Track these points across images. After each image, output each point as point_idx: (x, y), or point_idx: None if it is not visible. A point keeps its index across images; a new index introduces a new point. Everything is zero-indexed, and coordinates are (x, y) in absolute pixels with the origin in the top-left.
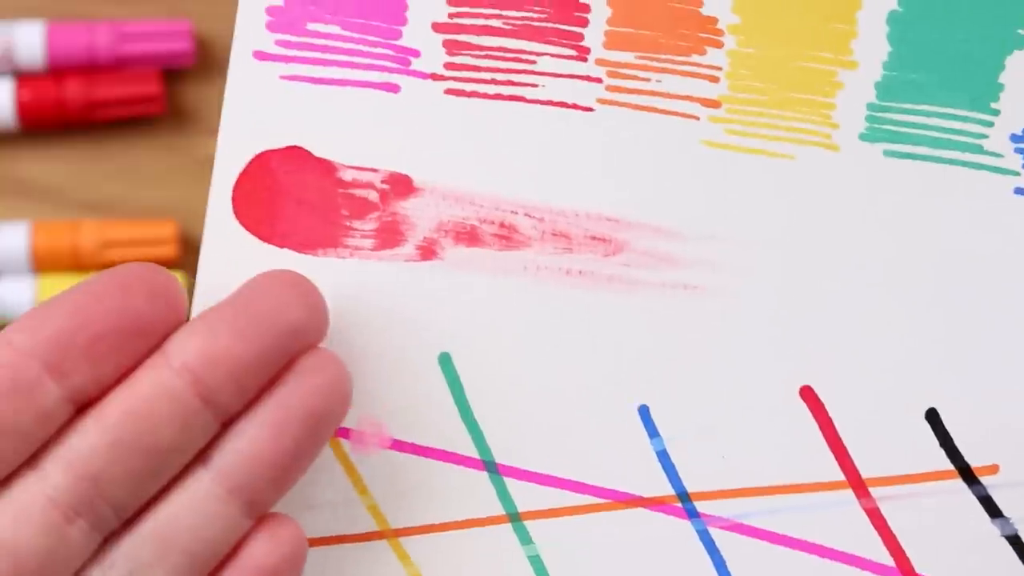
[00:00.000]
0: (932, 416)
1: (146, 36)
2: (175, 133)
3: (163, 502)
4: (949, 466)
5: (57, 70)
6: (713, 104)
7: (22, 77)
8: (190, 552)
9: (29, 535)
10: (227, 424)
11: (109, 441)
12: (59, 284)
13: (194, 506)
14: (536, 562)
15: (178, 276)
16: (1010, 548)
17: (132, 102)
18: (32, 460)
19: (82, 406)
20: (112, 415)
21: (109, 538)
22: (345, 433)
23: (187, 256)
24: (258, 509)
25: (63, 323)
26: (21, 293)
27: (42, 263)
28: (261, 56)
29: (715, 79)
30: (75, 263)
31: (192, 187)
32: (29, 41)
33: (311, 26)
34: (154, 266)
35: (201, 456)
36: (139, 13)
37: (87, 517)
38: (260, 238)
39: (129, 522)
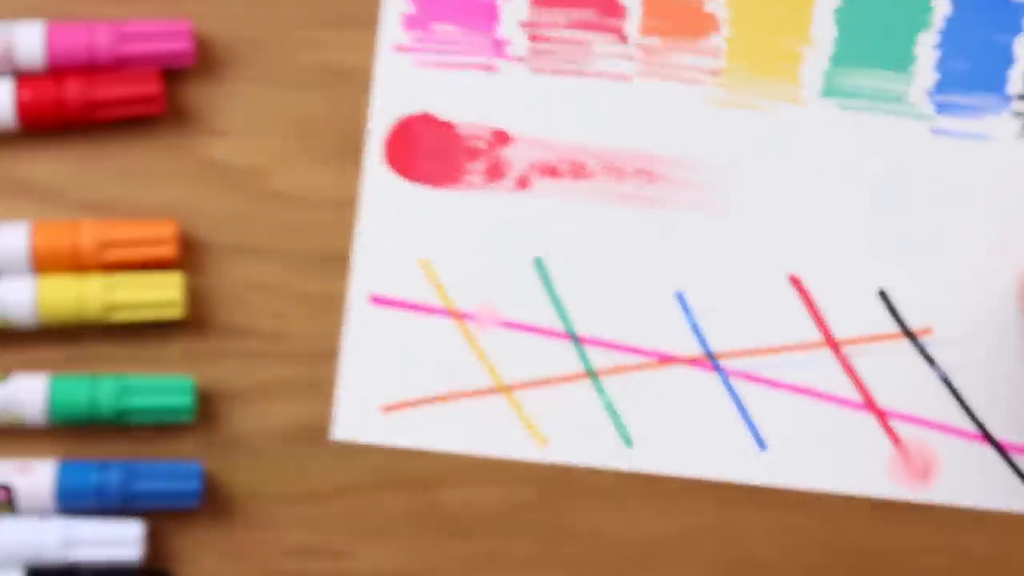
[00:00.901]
0: (883, 295)
1: (146, 36)
2: (175, 133)
3: None
4: (897, 330)
5: (57, 70)
6: (716, 73)
7: (22, 77)
8: None
9: None
10: None
11: None
12: (59, 284)
13: None
14: (610, 408)
15: (178, 276)
16: (943, 385)
17: (132, 102)
18: None
19: None
20: None
21: None
22: (469, 316)
23: (187, 256)
24: None
25: None
26: (21, 293)
27: (42, 263)
28: (399, 48)
29: (716, 55)
30: (75, 263)
31: (192, 187)
32: (29, 41)
33: (434, 25)
34: None
35: None
36: (139, 13)
37: None
38: (403, 176)
39: None
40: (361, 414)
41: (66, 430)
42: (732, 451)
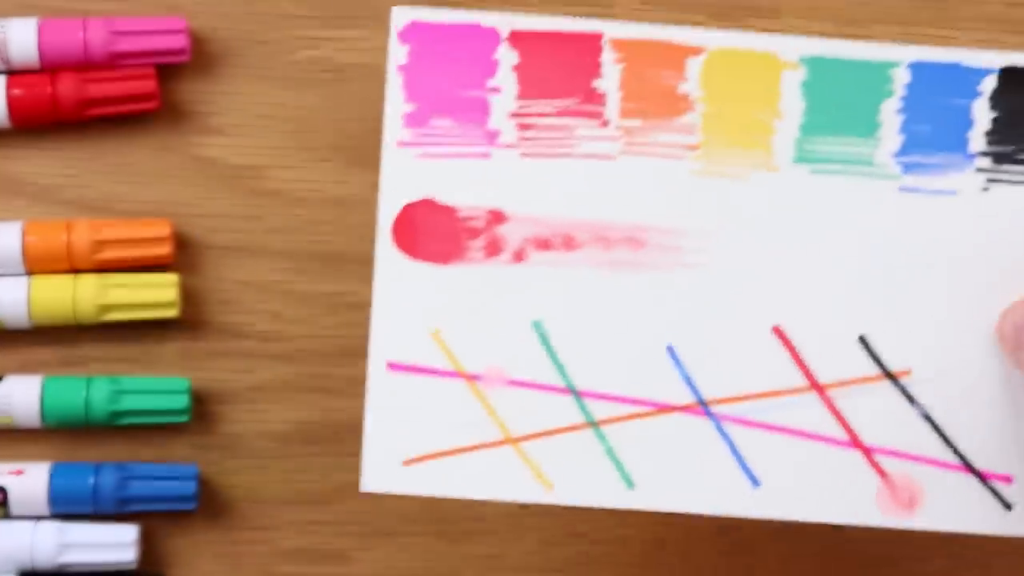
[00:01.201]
0: (863, 340)
1: (141, 32)
2: (170, 130)
3: None
4: (878, 372)
5: (51, 67)
6: (694, 147)
7: (15, 74)
8: None
9: None
10: None
11: None
12: (53, 284)
13: None
14: (611, 453)
15: (173, 276)
16: (924, 422)
17: (127, 99)
18: None
19: None
20: None
21: None
22: (478, 377)
23: (182, 255)
24: None
25: None
26: (14, 293)
27: (35, 263)
28: (402, 143)
29: (692, 132)
30: (69, 263)
31: (188, 185)
32: (22, 37)
33: (432, 121)
34: None
35: None
36: (134, 9)
37: None
38: (411, 256)
39: None
40: (386, 468)
41: (60, 432)
42: (728, 489)
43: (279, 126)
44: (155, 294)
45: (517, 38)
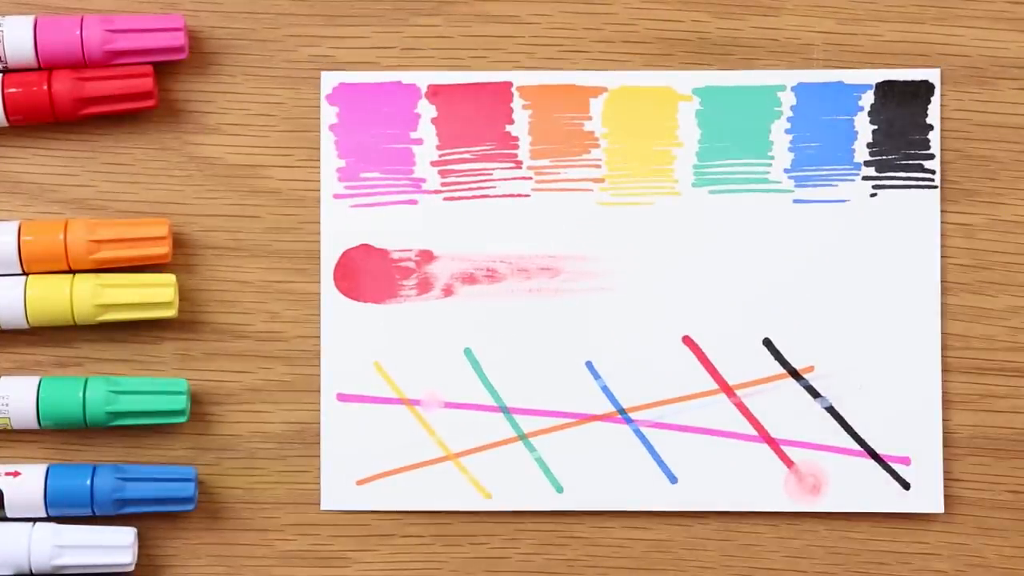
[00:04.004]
0: (768, 343)
1: (138, 30)
2: (168, 129)
3: None
4: (782, 371)
5: (47, 65)
6: (600, 180)
7: (11, 72)
8: None
9: None
10: None
11: None
12: (49, 284)
13: None
14: (540, 462)
15: (171, 276)
16: (827, 414)
17: (124, 98)
18: None
19: None
20: None
21: None
22: (417, 401)
23: (179, 255)
24: None
25: None
26: (10, 293)
27: (32, 263)
28: (337, 196)
29: (598, 165)
30: (66, 263)
31: (185, 184)
32: (18, 35)
33: (363, 174)
34: None
35: None
36: (131, 7)
37: None
38: (351, 298)
39: None
40: (341, 488)
41: (57, 433)
42: (647, 487)
43: (277, 125)
44: (152, 294)
45: (435, 92)
